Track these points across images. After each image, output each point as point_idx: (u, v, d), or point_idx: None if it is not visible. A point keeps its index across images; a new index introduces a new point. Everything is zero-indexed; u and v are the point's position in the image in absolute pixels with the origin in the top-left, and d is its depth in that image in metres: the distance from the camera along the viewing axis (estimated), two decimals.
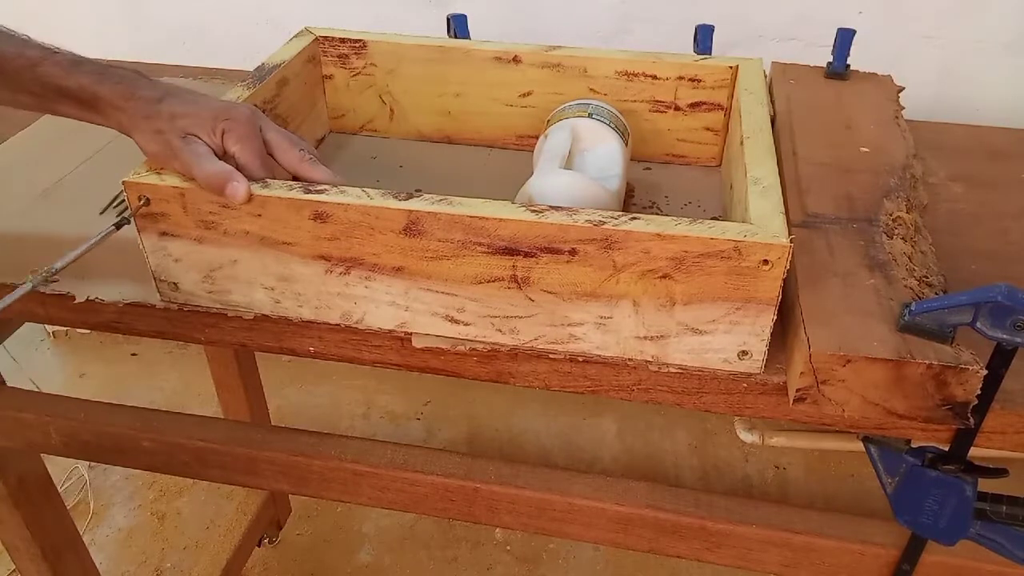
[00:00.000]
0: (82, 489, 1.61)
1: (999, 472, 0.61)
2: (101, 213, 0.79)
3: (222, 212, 0.61)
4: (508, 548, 1.51)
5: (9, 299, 0.56)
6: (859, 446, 0.65)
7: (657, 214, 0.69)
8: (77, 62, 0.64)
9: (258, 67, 0.78)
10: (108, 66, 0.65)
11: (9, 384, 0.95)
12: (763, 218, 0.56)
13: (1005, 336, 0.52)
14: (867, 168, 0.74)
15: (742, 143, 0.67)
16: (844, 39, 0.89)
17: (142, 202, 0.64)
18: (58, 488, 1.03)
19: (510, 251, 0.57)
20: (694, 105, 0.81)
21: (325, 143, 0.90)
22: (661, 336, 0.59)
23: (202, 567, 1.33)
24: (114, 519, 1.56)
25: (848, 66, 0.90)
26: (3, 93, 0.64)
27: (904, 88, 0.88)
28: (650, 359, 0.61)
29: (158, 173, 0.62)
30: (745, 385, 0.61)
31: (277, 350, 0.69)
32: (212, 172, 0.59)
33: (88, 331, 1.85)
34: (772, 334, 0.58)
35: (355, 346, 0.67)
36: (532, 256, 0.57)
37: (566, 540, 1.50)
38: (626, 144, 0.77)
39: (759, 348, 0.58)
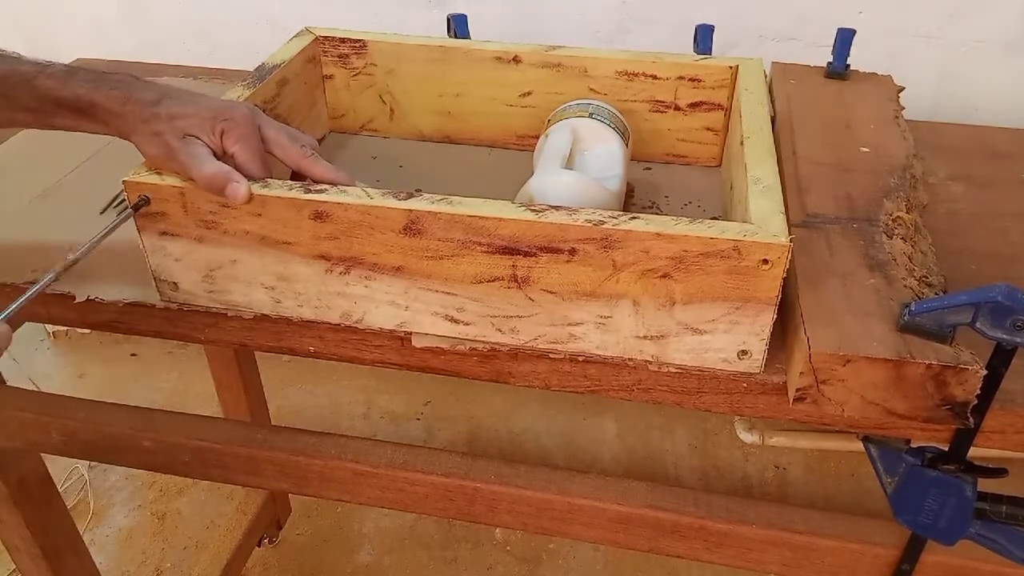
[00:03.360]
0: (82, 489, 1.61)
1: (999, 472, 0.61)
2: (101, 213, 0.79)
3: (222, 212, 0.61)
4: (508, 548, 1.51)
5: (35, 290, 0.57)
6: (859, 446, 0.65)
7: (657, 214, 0.69)
8: (71, 72, 0.63)
9: (258, 67, 0.79)
10: (103, 73, 0.64)
11: (9, 384, 0.95)
12: (763, 218, 0.56)
13: (1005, 336, 0.52)
14: (867, 168, 0.74)
15: (742, 143, 0.67)
16: (844, 39, 0.89)
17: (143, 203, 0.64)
18: (58, 488, 1.03)
19: (510, 251, 0.57)
20: (694, 105, 0.81)
21: (325, 143, 0.90)
22: (661, 336, 0.59)
23: (202, 567, 1.33)
24: (114, 519, 1.56)
25: (848, 66, 0.90)
26: (1, 112, 0.64)
27: (904, 88, 0.88)
28: (650, 359, 0.61)
29: (158, 172, 0.62)
30: (745, 385, 0.61)
31: (277, 350, 0.69)
32: (211, 173, 0.59)
33: (88, 331, 1.85)
34: (772, 334, 0.58)
35: (355, 346, 0.67)
36: (532, 256, 0.57)
37: (566, 540, 1.50)
38: (626, 144, 0.77)
39: (759, 348, 0.58)
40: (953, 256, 0.68)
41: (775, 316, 0.56)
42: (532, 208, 0.57)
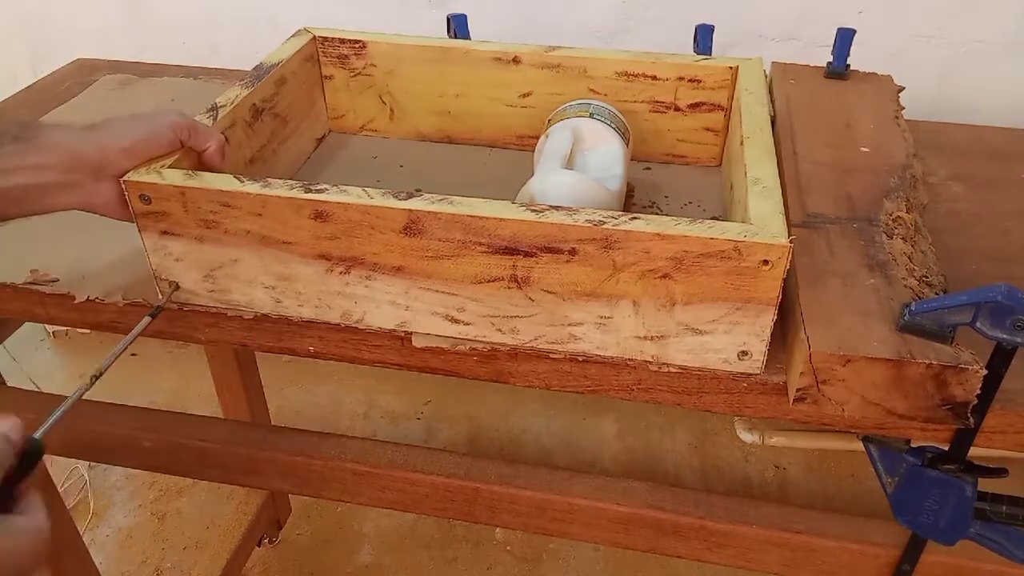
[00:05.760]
0: (82, 489, 1.61)
1: (999, 472, 0.61)
2: None
3: (223, 211, 0.61)
4: (508, 548, 1.51)
5: (68, 403, 0.56)
6: (859, 446, 0.66)
7: (657, 214, 0.69)
8: None
9: (256, 66, 0.79)
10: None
11: (9, 384, 0.96)
12: (763, 218, 0.56)
13: (1005, 336, 0.52)
14: (867, 168, 0.74)
15: (742, 143, 0.67)
16: (844, 39, 0.89)
17: (173, 289, 0.66)
18: (58, 488, 1.03)
19: (510, 251, 0.57)
20: (694, 106, 0.81)
21: (325, 143, 0.90)
22: (661, 336, 0.59)
23: (202, 567, 1.33)
24: (114, 519, 1.56)
25: (848, 66, 0.90)
26: None
27: (904, 88, 0.88)
28: (650, 359, 0.61)
29: (158, 171, 0.62)
30: (745, 385, 0.61)
31: (277, 350, 0.69)
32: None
33: (88, 331, 1.85)
34: (772, 334, 0.58)
35: (355, 346, 0.67)
36: (532, 256, 0.57)
37: (566, 540, 1.50)
38: (627, 144, 0.77)
39: (759, 348, 0.58)
40: (953, 256, 0.68)
41: (775, 317, 0.56)
42: (532, 208, 0.57)
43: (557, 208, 0.57)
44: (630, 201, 0.78)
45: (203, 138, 0.65)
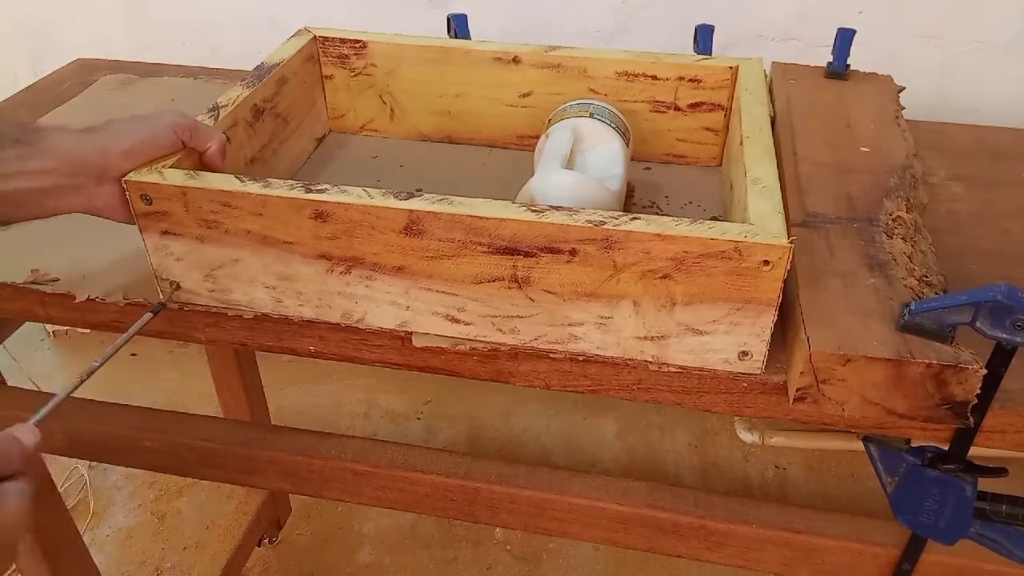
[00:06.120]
0: (82, 489, 1.61)
1: (999, 472, 0.61)
2: None
3: (223, 211, 0.61)
4: (508, 548, 1.51)
5: (60, 396, 0.59)
6: (859, 446, 0.66)
7: (657, 214, 0.69)
8: None
9: (257, 66, 0.79)
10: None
11: (9, 384, 0.95)
12: (763, 218, 0.56)
13: (1005, 336, 0.52)
14: (867, 168, 0.74)
15: (742, 143, 0.67)
16: (844, 39, 0.89)
17: (173, 289, 0.66)
18: (58, 488, 1.03)
19: (510, 251, 0.57)
20: (694, 105, 0.81)
21: (325, 143, 0.90)
22: (661, 336, 0.59)
23: (202, 567, 1.33)
24: (114, 519, 1.56)
25: (848, 66, 0.90)
26: None
27: (904, 88, 0.88)
28: (650, 359, 0.61)
29: (160, 171, 0.62)
30: (745, 385, 0.61)
31: (277, 349, 0.69)
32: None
33: (88, 331, 1.85)
34: (772, 334, 0.58)
35: (355, 345, 0.67)
36: (532, 256, 0.57)
37: (566, 540, 1.50)
38: (627, 144, 0.77)
39: (759, 348, 0.58)
40: (953, 256, 0.68)
41: (775, 317, 0.56)
42: (533, 208, 0.57)
43: (557, 208, 0.57)
44: (630, 201, 0.78)
45: (204, 138, 0.65)
